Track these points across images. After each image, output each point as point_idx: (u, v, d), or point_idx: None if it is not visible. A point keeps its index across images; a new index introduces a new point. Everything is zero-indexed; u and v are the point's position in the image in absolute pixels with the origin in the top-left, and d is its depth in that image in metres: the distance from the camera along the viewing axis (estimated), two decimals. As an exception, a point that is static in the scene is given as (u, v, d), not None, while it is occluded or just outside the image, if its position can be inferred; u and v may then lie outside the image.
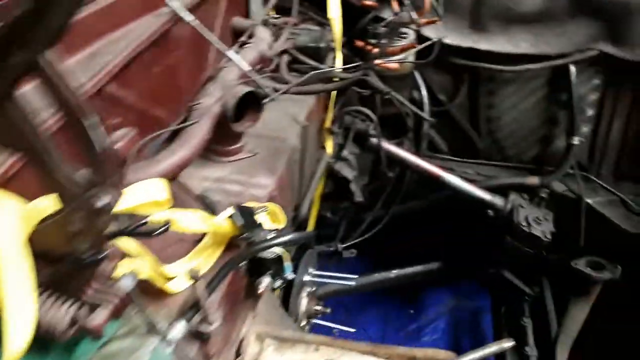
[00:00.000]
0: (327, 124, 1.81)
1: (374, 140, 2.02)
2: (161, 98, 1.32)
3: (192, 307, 0.94)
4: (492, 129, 2.31)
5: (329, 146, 1.82)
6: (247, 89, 1.31)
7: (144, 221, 0.88)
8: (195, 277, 0.88)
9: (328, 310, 1.99)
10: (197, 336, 0.96)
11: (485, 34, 2.10)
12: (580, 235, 2.14)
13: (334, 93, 1.84)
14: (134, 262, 0.91)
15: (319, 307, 1.98)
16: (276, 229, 1.18)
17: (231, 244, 1.13)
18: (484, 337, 2.78)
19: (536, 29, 2.06)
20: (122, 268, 0.86)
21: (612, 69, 2.05)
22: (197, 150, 1.16)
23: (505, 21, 2.07)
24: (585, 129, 2.18)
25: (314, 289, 2.00)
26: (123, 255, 0.90)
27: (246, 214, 1.07)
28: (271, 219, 1.20)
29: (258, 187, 1.33)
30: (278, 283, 1.20)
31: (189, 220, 0.98)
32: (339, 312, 2.81)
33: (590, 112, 2.15)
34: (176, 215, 0.97)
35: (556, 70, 2.11)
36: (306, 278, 1.92)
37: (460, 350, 2.68)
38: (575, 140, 2.08)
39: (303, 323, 1.92)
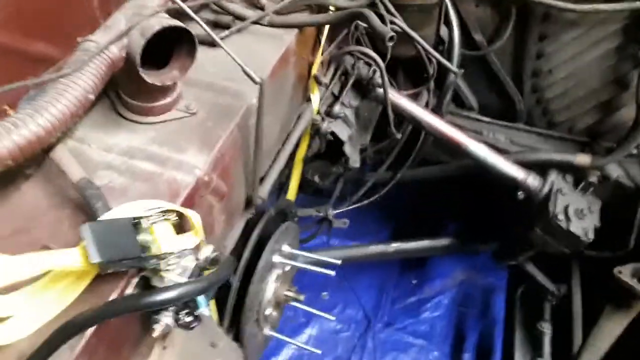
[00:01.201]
0: (314, 70, 1.34)
1: (379, 90, 1.55)
2: (43, 27, 0.88)
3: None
4: (538, 86, 1.78)
5: (315, 100, 1.37)
6: (168, 21, 0.86)
7: None
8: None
9: (301, 298, 1.64)
10: None
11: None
12: (631, 236, 1.68)
13: (326, 28, 1.35)
14: None
15: (290, 293, 1.63)
16: (184, 249, 0.77)
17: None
18: (492, 322, 2.43)
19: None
20: None
21: None
22: (66, 117, 0.75)
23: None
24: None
25: (286, 269, 1.64)
26: None
27: (117, 235, 0.67)
28: (177, 230, 0.79)
29: (182, 168, 0.92)
30: (186, 320, 0.82)
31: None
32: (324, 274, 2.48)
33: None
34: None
35: (637, 17, 1.55)
36: (276, 259, 1.55)
37: (461, 334, 2.40)
38: (649, 112, 1.56)
39: (268, 311, 1.58)
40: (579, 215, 1.58)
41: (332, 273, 1.54)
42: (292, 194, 1.67)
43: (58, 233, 0.78)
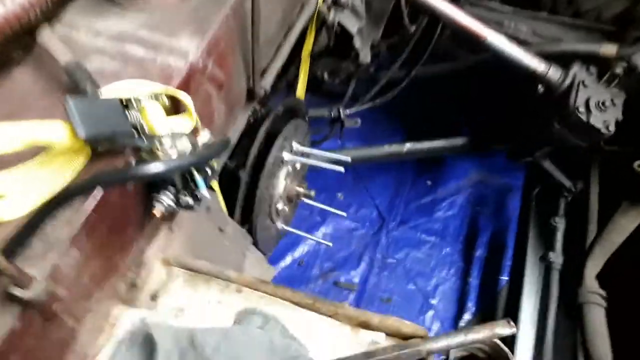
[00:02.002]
0: (319, -51, 1.25)
1: (392, -24, 1.45)
2: None
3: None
4: (567, -31, 1.64)
5: (320, -15, 1.29)
6: None
7: None
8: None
9: (312, 194, 1.66)
10: (16, 301, 0.64)
11: None
12: (656, 130, 1.61)
13: None
14: None
15: (301, 189, 1.64)
16: (178, 131, 0.77)
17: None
18: (506, 221, 2.44)
19: None
20: None
21: None
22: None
23: None
24: None
25: (297, 167, 1.64)
26: None
27: (105, 112, 0.66)
28: (169, 110, 0.78)
29: (175, 53, 0.89)
30: (188, 202, 0.84)
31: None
32: (339, 176, 2.49)
33: None
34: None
35: None
36: (286, 156, 1.55)
37: (474, 232, 2.42)
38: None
39: (280, 206, 1.61)
40: (600, 107, 1.51)
41: (341, 169, 1.54)
42: (301, 92, 1.63)
43: (50, 118, 0.78)
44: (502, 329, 0.82)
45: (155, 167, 0.64)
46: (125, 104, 0.73)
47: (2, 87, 0.82)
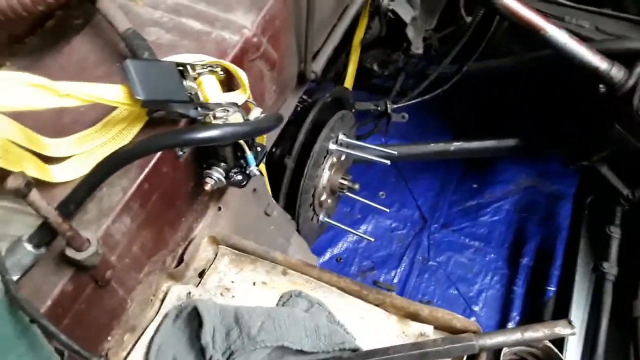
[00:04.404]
0: None
1: (449, -34, 1.40)
2: None
3: (44, 225, 0.60)
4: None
5: (376, -30, 1.26)
6: None
7: None
8: (19, 185, 0.51)
9: (356, 187, 1.62)
10: (71, 263, 0.64)
11: None
12: None
13: None
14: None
15: (345, 181, 1.62)
16: (231, 104, 0.75)
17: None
18: (555, 229, 2.33)
19: None
20: None
21: None
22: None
23: None
24: None
25: (342, 158, 1.61)
26: None
27: (162, 77, 0.65)
28: (223, 85, 0.77)
29: (230, 28, 0.88)
30: (237, 178, 0.82)
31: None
32: (382, 174, 2.45)
33: None
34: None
35: None
36: (332, 147, 1.52)
37: (521, 239, 2.33)
38: None
39: (323, 197, 1.59)
40: (667, 109, 1.42)
41: (387, 162, 1.51)
42: (349, 81, 1.60)
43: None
44: (562, 328, 0.76)
45: (211, 132, 0.62)
46: (182, 74, 0.72)
47: (62, 54, 0.83)
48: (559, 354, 0.82)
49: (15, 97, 0.55)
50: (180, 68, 0.70)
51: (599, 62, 1.51)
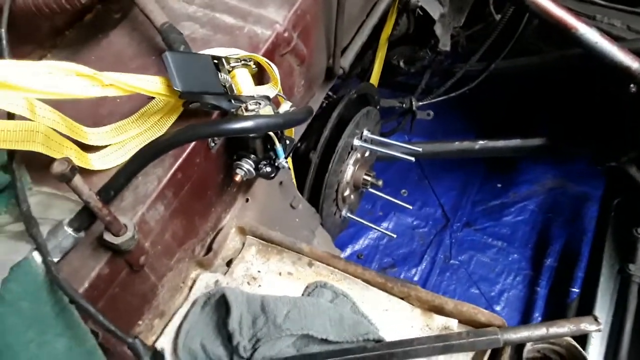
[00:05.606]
0: None
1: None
2: None
3: (84, 209, 0.62)
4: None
5: (405, -33, 1.26)
6: None
7: None
8: (64, 170, 0.54)
9: (380, 183, 1.63)
10: (108, 247, 0.66)
11: None
12: None
13: None
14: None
15: (368, 177, 1.62)
16: (263, 97, 0.77)
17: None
18: (580, 231, 2.30)
19: None
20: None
21: None
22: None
23: None
24: None
25: (366, 154, 1.62)
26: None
27: (198, 69, 0.67)
28: (254, 78, 0.78)
29: (263, 22, 0.89)
30: (266, 170, 0.84)
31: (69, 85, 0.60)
32: (404, 172, 2.44)
33: None
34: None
35: None
36: (356, 142, 1.53)
37: (545, 239, 2.31)
38: None
39: (346, 193, 1.60)
40: (700, 110, 1.40)
41: (412, 159, 1.51)
42: (375, 78, 1.61)
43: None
44: (588, 324, 0.76)
45: (245, 123, 0.64)
46: (217, 67, 0.74)
47: (100, 47, 0.86)
48: (582, 351, 0.82)
49: (62, 85, 0.58)
50: (216, 61, 0.72)
51: (631, 62, 1.48)
